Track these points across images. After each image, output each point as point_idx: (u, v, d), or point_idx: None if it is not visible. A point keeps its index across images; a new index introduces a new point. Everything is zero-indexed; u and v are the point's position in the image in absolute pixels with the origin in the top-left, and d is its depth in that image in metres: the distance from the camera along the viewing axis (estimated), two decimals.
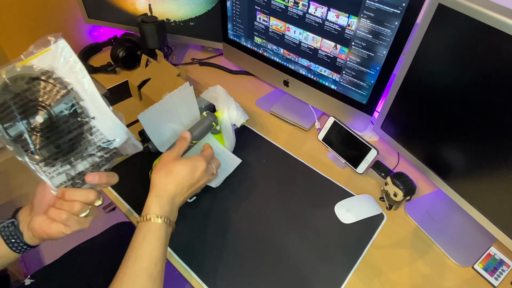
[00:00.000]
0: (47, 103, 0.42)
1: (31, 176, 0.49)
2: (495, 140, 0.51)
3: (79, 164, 0.46)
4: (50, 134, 0.44)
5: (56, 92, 0.42)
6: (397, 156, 0.81)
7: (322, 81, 0.78)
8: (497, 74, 0.48)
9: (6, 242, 0.48)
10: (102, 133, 0.45)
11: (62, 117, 0.43)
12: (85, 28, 1.14)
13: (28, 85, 0.42)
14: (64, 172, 0.46)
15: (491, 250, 0.63)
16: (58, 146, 0.44)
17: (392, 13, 0.58)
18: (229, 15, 0.86)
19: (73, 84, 0.42)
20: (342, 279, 0.58)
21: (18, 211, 0.51)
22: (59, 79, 0.42)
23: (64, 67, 0.41)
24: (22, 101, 0.42)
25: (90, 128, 0.44)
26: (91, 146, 0.45)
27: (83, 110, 0.43)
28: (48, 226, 0.46)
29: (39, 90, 0.42)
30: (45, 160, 0.45)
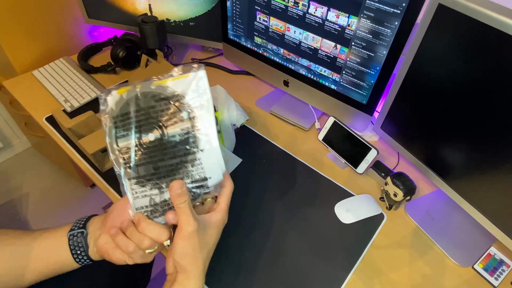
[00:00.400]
0: (164, 124, 0.43)
1: (31, 176, 0.49)
2: (495, 140, 0.51)
3: (166, 192, 0.44)
4: (154, 154, 0.44)
5: (177, 116, 0.43)
6: (397, 156, 0.81)
7: (322, 81, 0.78)
8: (497, 74, 0.48)
9: (72, 252, 0.47)
10: (203, 168, 0.44)
11: (172, 141, 0.43)
12: (85, 28, 1.15)
13: (155, 103, 0.43)
14: (150, 196, 0.45)
15: (491, 250, 0.63)
16: (156, 168, 0.44)
17: (392, 13, 0.58)
18: (229, 15, 0.86)
19: (196, 114, 0.43)
20: (342, 279, 0.58)
21: (89, 219, 0.49)
22: (186, 105, 0.43)
23: (195, 96, 0.43)
24: (143, 116, 0.43)
25: (194, 159, 0.44)
26: (187, 178, 0.45)
27: (195, 140, 0.44)
28: (113, 251, 0.45)
29: (163, 110, 0.43)
30: (139, 178, 0.44)
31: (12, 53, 1.00)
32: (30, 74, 0.97)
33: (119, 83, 0.97)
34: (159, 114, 0.43)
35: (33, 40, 1.02)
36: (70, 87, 0.91)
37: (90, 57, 1.06)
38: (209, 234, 0.45)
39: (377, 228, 0.66)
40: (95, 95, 0.89)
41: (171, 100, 0.43)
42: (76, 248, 0.47)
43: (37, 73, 0.96)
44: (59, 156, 1.42)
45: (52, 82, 0.93)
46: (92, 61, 1.05)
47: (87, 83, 0.93)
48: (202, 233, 0.43)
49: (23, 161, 1.66)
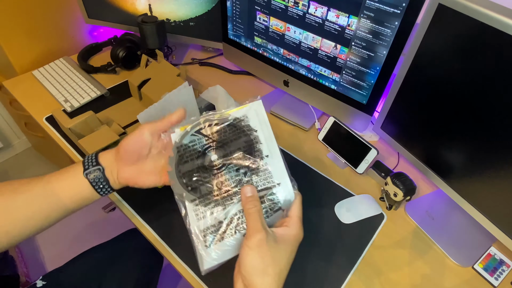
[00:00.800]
0: (227, 144, 0.47)
1: (31, 176, 0.49)
2: (495, 140, 0.51)
3: (232, 206, 0.45)
4: (218, 172, 0.46)
5: (239, 133, 0.47)
6: (397, 156, 0.81)
7: (322, 81, 0.78)
8: (497, 74, 0.48)
9: (95, 188, 0.49)
10: (270, 172, 0.46)
11: (237, 149, 0.47)
12: (85, 28, 1.15)
13: (217, 127, 0.48)
14: (214, 215, 0.45)
15: (491, 250, 0.63)
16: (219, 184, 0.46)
17: (392, 13, 0.58)
18: (229, 15, 0.86)
19: (258, 129, 0.48)
20: (342, 279, 0.58)
21: (97, 156, 0.50)
22: (248, 125, 0.48)
23: (254, 117, 0.48)
24: (206, 141, 0.47)
25: (258, 168, 0.46)
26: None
27: (258, 149, 0.47)
28: (142, 179, 0.49)
29: (226, 131, 0.48)
30: (201, 197, 0.45)
31: (12, 53, 1.00)
32: (30, 74, 0.97)
33: (119, 83, 0.97)
34: (222, 135, 0.47)
35: (33, 40, 1.02)
36: (70, 87, 0.91)
37: (90, 57, 1.06)
38: (281, 250, 0.40)
39: (377, 228, 0.66)
40: (95, 95, 0.90)
41: (234, 122, 0.48)
42: (98, 183, 0.49)
43: (37, 73, 0.96)
44: (59, 156, 1.42)
45: (52, 82, 0.93)
46: (92, 61, 1.05)
47: (87, 83, 0.93)
48: (272, 246, 0.39)
49: (23, 161, 1.66)
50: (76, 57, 1.02)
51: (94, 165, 0.49)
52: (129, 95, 0.92)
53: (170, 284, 1.23)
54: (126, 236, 0.80)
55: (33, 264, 1.31)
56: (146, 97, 0.86)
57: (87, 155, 0.51)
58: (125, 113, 0.86)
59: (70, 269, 0.70)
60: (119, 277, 0.71)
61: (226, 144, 0.47)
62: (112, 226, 1.43)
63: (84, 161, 0.50)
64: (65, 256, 0.75)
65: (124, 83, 0.96)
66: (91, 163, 0.49)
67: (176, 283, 1.24)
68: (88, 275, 0.69)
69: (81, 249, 0.74)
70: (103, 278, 0.69)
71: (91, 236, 1.39)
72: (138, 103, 0.90)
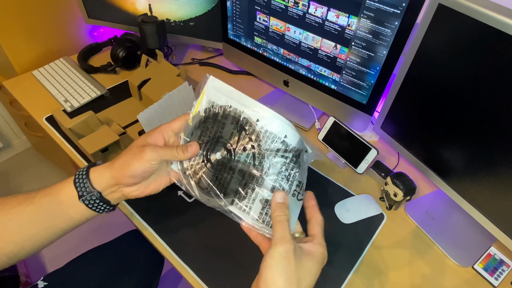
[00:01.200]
0: (218, 135, 0.46)
1: (31, 176, 0.49)
2: (495, 140, 0.51)
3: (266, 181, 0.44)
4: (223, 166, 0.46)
5: (220, 119, 0.46)
6: (397, 156, 0.81)
7: (322, 81, 0.78)
8: (497, 74, 0.48)
9: (94, 210, 0.48)
10: (271, 132, 0.44)
11: (231, 134, 0.45)
12: (85, 28, 1.15)
13: (199, 131, 0.47)
14: (257, 198, 0.44)
15: (491, 250, 0.63)
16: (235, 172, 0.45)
17: (392, 13, 0.58)
18: (229, 15, 0.86)
19: (230, 103, 0.46)
20: (342, 279, 0.58)
21: (89, 178, 0.47)
22: (220, 106, 0.46)
23: (218, 95, 0.46)
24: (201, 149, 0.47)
25: (258, 136, 0.44)
26: (267, 151, 0.44)
27: (246, 119, 0.45)
28: (146, 192, 0.48)
29: (208, 128, 0.46)
30: (235, 196, 0.45)
31: (12, 53, 1.00)
32: (30, 74, 0.97)
33: (119, 83, 0.97)
34: (209, 134, 0.47)
35: (33, 40, 1.02)
36: (70, 87, 0.91)
37: (90, 57, 1.06)
38: (307, 268, 0.37)
39: (377, 228, 0.66)
40: (95, 95, 0.90)
41: (206, 114, 0.47)
42: (98, 206, 0.48)
43: (37, 73, 0.96)
44: (59, 156, 1.42)
45: (52, 82, 0.93)
46: (92, 61, 1.05)
47: (87, 83, 0.93)
48: (298, 262, 0.36)
49: (23, 161, 1.66)
50: (76, 57, 1.02)
51: (89, 191, 0.46)
52: (129, 95, 0.92)
53: (171, 284, 1.24)
54: (127, 237, 0.80)
55: (33, 264, 1.31)
56: (146, 97, 0.86)
57: (77, 175, 0.47)
58: (125, 113, 0.86)
59: (72, 270, 0.70)
60: (120, 277, 0.71)
61: (219, 138, 0.45)
62: (112, 227, 1.42)
63: (76, 185, 0.46)
64: (65, 257, 0.75)
65: (124, 83, 0.96)
66: (85, 187, 0.46)
67: (177, 283, 1.25)
68: (90, 276, 0.69)
69: (81, 250, 0.74)
70: (105, 279, 0.69)
71: (91, 236, 1.39)
72: (138, 103, 0.90)
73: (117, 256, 0.74)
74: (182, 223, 0.63)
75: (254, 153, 0.44)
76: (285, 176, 0.43)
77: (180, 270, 0.59)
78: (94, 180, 0.47)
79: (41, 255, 1.34)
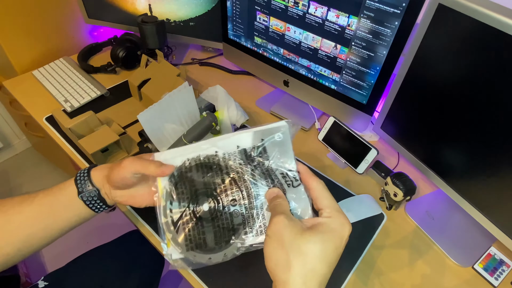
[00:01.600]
0: (190, 192, 0.44)
1: (31, 176, 0.49)
2: (495, 140, 0.51)
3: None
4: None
5: (184, 176, 0.44)
6: (397, 156, 0.81)
7: (322, 81, 0.78)
8: (497, 74, 0.48)
9: (91, 208, 0.48)
10: (229, 152, 0.44)
11: (205, 181, 0.44)
12: (85, 28, 1.14)
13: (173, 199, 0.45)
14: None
15: (491, 250, 0.63)
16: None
17: (392, 13, 0.58)
18: (229, 15, 0.86)
19: (185, 158, 0.45)
20: (342, 279, 0.58)
21: (90, 175, 0.48)
22: (177, 169, 0.45)
23: (171, 162, 0.45)
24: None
25: (224, 159, 0.44)
26: (241, 170, 0.43)
27: (208, 157, 0.44)
28: (137, 201, 0.48)
29: (181, 191, 0.44)
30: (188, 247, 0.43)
31: (12, 53, 1.00)
32: (30, 74, 0.97)
33: (119, 83, 0.97)
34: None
35: (33, 40, 1.02)
36: (70, 87, 0.91)
37: (90, 57, 1.06)
38: (312, 241, 0.33)
39: (377, 228, 0.66)
40: (95, 95, 0.89)
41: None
42: (95, 204, 0.48)
43: (37, 73, 0.96)
44: (59, 156, 1.42)
45: (52, 82, 0.93)
46: (92, 61, 1.05)
47: (87, 83, 0.93)
48: (298, 234, 0.33)
49: (23, 161, 1.66)
50: (76, 57, 1.02)
51: (89, 187, 0.47)
52: (129, 95, 0.92)
53: (171, 284, 1.24)
54: (127, 237, 0.80)
55: (33, 264, 1.31)
56: (146, 97, 0.86)
57: (79, 173, 0.49)
58: (125, 113, 0.86)
59: (72, 270, 0.70)
60: (121, 278, 0.71)
61: (196, 191, 0.43)
62: (113, 227, 1.43)
63: (77, 182, 0.48)
64: (65, 257, 0.75)
65: (124, 83, 0.96)
66: (85, 184, 0.48)
67: (177, 283, 1.25)
68: (90, 276, 0.69)
69: (81, 250, 0.74)
70: (105, 279, 0.69)
71: (91, 236, 1.39)
72: (138, 103, 0.90)
73: (118, 257, 0.74)
74: None
75: (236, 180, 0.43)
76: (264, 176, 0.42)
77: (180, 270, 0.59)
78: (94, 178, 0.48)
79: (41, 255, 1.34)
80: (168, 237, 0.43)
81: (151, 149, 0.71)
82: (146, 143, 0.72)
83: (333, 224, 0.35)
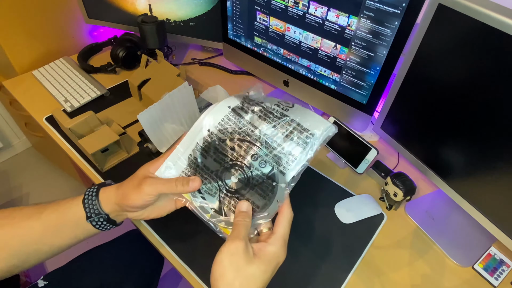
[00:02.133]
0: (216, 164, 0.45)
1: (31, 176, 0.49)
2: (495, 140, 0.51)
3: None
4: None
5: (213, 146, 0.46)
6: (397, 156, 0.81)
7: (322, 81, 0.78)
8: (497, 74, 0.48)
9: (100, 229, 0.48)
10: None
11: (230, 150, 0.45)
12: (85, 28, 1.15)
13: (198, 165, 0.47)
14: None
15: (491, 250, 0.63)
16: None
17: (392, 13, 0.58)
18: (229, 15, 0.86)
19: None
20: (342, 279, 0.58)
21: (98, 199, 0.47)
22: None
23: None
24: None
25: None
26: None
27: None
28: (155, 214, 0.49)
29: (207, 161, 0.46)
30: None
31: (12, 53, 1.00)
32: (30, 74, 0.97)
33: (119, 83, 0.97)
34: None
35: (33, 40, 1.02)
36: (70, 87, 0.91)
37: (90, 57, 1.06)
38: (255, 266, 0.38)
39: (377, 228, 0.66)
40: (95, 95, 0.90)
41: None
42: (105, 227, 0.49)
43: (37, 73, 0.96)
44: (59, 156, 1.42)
45: (52, 82, 0.93)
46: (92, 61, 1.05)
47: (87, 83, 0.93)
48: (247, 260, 0.38)
49: (23, 161, 1.66)
50: (76, 57, 1.02)
51: (97, 212, 0.47)
52: (129, 95, 0.92)
53: (171, 284, 1.24)
54: (127, 236, 0.80)
55: None
56: (146, 97, 0.86)
57: (86, 194, 0.48)
58: (125, 113, 0.86)
59: (72, 269, 0.70)
60: (120, 277, 0.71)
61: (223, 163, 0.45)
62: None
63: (85, 205, 0.47)
64: (65, 256, 0.75)
65: (124, 83, 0.96)
66: (93, 208, 0.47)
67: (177, 283, 1.25)
68: (90, 276, 0.69)
69: (81, 250, 0.74)
70: (105, 279, 0.69)
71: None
72: (138, 103, 0.90)
73: (117, 256, 0.74)
74: (182, 223, 0.63)
75: (243, 138, 0.44)
76: (263, 118, 0.45)
77: (180, 270, 0.59)
78: (104, 202, 0.47)
79: None
80: (221, 226, 0.44)
81: (151, 149, 0.71)
82: (146, 143, 0.72)
83: (276, 253, 0.40)
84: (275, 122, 0.44)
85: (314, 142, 0.43)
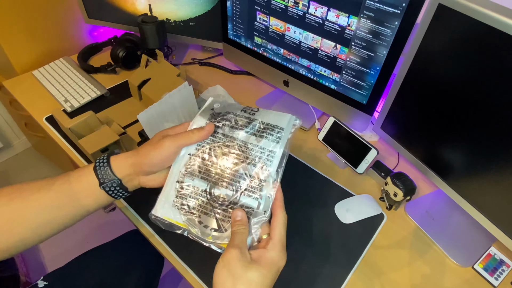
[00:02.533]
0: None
1: (31, 176, 0.49)
2: (495, 140, 0.51)
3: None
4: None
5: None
6: (397, 156, 0.81)
7: (322, 81, 0.78)
8: (497, 74, 0.48)
9: (112, 196, 0.48)
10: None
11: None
12: (85, 28, 1.14)
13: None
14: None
15: (491, 250, 0.63)
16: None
17: (392, 13, 0.58)
18: (229, 15, 0.86)
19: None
20: (342, 279, 0.58)
21: (110, 165, 0.47)
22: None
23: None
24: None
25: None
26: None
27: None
28: (161, 184, 0.49)
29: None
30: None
31: (12, 53, 1.00)
32: (30, 74, 0.97)
33: (119, 83, 0.97)
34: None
35: (33, 40, 1.02)
36: (70, 87, 0.91)
37: (90, 57, 1.06)
38: (255, 271, 0.38)
39: (377, 228, 0.66)
40: (95, 95, 0.90)
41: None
42: (117, 193, 0.49)
43: (37, 73, 0.96)
44: (59, 156, 1.42)
45: (52, 82, 0.93)
46: (92, 61, 1.05)
47: (87, 83, 0.93)
48: (245, 266, 0.38)
49: (23, 161, 1.66)
50: (76, 57, 1.02)
51: (110, 177, 0.47)
52: (129, 95, 0.92)
53: (171, 284, 1.24)
54: (127, 236, 0.80)
55: (33, 264, 1.31)
56: (146, 97, 0.86)
57: (97, 162, 0.48)
58: (125, 113, 0.86)
59: (72, 270, 0.70)
60: (121, 277, 0.71)
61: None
62: (113, 227, 1.43)
63: (97, 171, 0.47)
64: (65, 257, 0.75)
65: (124, 83, 0.96)
66: (106, 174, 0.47)
67: (177, 283, 1.25)
68: (90, 276, 0.69)
69: (81, 250, 0.74)
70: (105, 279, 0.69)
71: (91, 236, 1.39)
72: (138, 103, 0.90)
73: (117, 256, 0.74)
74: None
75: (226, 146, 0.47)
76: (236, 128, 0.48)
77: (180, 270, 0.59)
78: (115, 168, 0.47)
79: (41, 255, 1.34)
80: (225, 244, 0.44)
81: None
82: None
83: (275, 258, 0.40)
84: (246, 128, 0.47)
85: (284, 134, 0.46)
